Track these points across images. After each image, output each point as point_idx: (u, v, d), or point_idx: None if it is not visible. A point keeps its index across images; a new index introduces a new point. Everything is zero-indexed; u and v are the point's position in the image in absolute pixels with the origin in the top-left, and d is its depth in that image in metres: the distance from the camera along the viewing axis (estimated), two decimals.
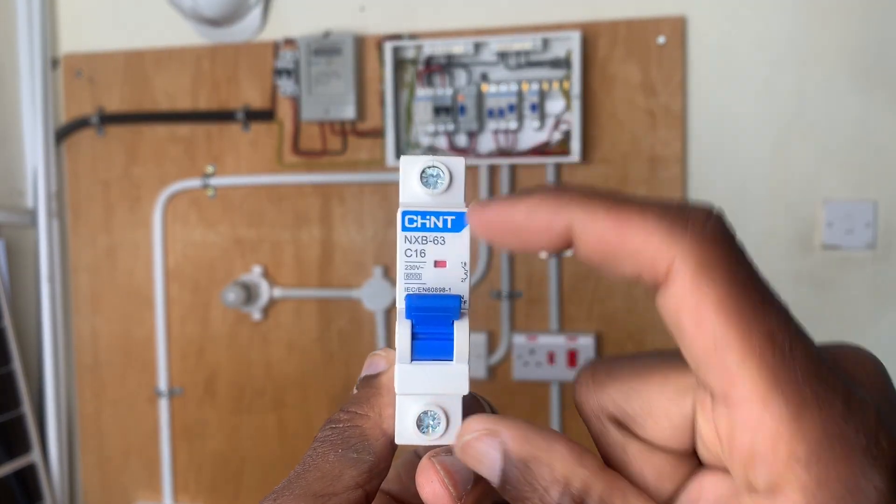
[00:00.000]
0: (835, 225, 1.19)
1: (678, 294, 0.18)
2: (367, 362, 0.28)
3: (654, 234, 0.18)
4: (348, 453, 0.25)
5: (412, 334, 0.24)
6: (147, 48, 1.39)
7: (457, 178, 0.25)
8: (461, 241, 0.25)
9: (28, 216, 1.40)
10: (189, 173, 1.38)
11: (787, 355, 0.17)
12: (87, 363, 1.45)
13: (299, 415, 1.37)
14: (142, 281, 1.41)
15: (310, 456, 0.25)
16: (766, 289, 0.18)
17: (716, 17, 1.21)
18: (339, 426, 0.25)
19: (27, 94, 1.40)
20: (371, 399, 0.26)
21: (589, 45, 1.22)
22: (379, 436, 0.25)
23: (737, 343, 0.17)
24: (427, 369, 0.24)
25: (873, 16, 1.17)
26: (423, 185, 0.25)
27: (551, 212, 0.21)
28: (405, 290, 0.25)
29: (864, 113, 1.18)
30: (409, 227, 0.25)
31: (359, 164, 1.31)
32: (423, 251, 0.25)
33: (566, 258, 1.26)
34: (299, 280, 1.35)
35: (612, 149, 1.23)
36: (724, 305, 0.18)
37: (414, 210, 0.25)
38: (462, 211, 0.25)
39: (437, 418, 0.25)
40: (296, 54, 1.29)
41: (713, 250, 0.18)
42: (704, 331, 0.18)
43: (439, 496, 0.23)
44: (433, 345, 0.24)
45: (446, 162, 0.25)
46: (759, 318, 0.18)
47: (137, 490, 1.45)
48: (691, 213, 0.19)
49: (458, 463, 0.23)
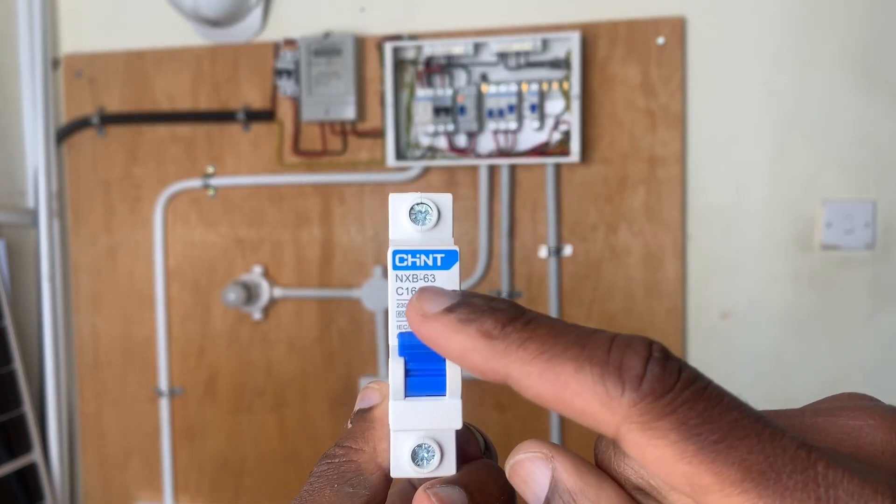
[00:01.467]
0: (834, 225, 1.19)
1: (634, 451, 0.18)
2: (361, 395, 0.28)
3: (592, 402, 0.18)
4: (344, 488, 0.25)
5: (405, 370, 0.25)
6: (147, 48, 1.39)
7: (445, 214, 0.26)
8: (451, 278, 0.25)
9: (29, 216, 1.40)
10: (189, 173, 1.38)
11: (768, 477, 0.17)
12: (87, 363, 1.45)
13: (299, 414, 1.37)
14: (142, 281, 1.41)
15: (306, 491, 0.25)
16: (728, 417, 0.18)
17: (715, 18, 1.21)
18: (334, 461, 0.26)
19: (28, 94, 1.40)
20: (365, 433, 0.26)
21: (588, 45, 1.22)
22: (374, 469, 0.26)
23: (713, 484, 0.17)
24: (420, 405, 0.25)
25: (873, 16, 1.17)
26: (412, 221, 0.26)
27: (487, 358, 0.20)
28: (397, 327, 0.25)
29: (864, 113, 1.18)
30: (399, 265, 0.25)
31: (359, 164, 1.32)
32: (414, 289, 0.25)
33: (566, 258, 1.26)
34: (299, 280, 1.36)
35: (612, 149, 1.23)
36: (684, 454, 0.17)
37: (405, 249, 0.25)
38: (452, 249, 0.25)
39: (431, 451, 0.25)
40: (296, 55, 1.29)
41: (654, 408, 0.18)
42: (677, 478, 0.18)
43: None
44: (426, 381, 0.25)
45: (434, 199, 0.26)
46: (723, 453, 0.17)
47: (138, 489, 1.45)
48: (627, 368, 0.18)
49: (453, 494, 0.24)
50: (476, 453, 0.27)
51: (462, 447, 0.26)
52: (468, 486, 0.24)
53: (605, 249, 1.25)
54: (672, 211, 1.22)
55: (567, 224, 1.26)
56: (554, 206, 1.24)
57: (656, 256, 1.23)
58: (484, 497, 0.24)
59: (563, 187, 1.25)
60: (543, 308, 1.26)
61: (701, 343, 1.24)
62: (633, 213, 1.23)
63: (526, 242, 1.27)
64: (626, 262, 1.24)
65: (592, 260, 1.25)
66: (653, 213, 1.22)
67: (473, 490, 0.24)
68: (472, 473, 0.25)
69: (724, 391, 0.18)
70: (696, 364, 0.24)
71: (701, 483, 0.17)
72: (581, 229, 1.25)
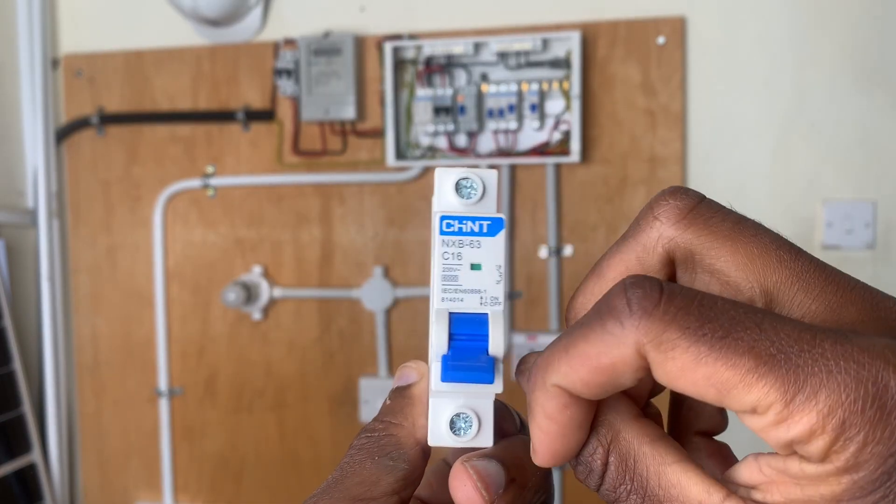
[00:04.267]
0: (834, 225, 1.19)
1: (661, 372, 0.19)
2: (398, 374, 0.28)
3: (607, 352, 0.19)
4: (384, 461, 0.25)
5: (449, 334, 0.25)
6: (147, 48, 1.39)
7: (490, 190, 0.26)
8: (496, 245, 0.26)
9: (28, 216, 1.40)
10: (189, 173, 1.38)
11: (779, 358, 0.18)
12: (87, 363, 1.45)
13: (299, 414, 1.37)
14: (142, 281, 1.41)
15: (347, 463, 0.26)
16: (726, 315, 0.19)
17: (715, 18, 1.21)
18: (374, 434, 0.26)
19: (27, 94, 1.40)
20: (405, 409, 0.27)
21: (589, 45, 1.22)
22: (413, 444, 0.26)
23: (732, 378, 0.18)
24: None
25: (873, 16, 1.17)
26: (458, 195, 0.26)
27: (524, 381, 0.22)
28: (442, 290, 0.25)
29: (864, 113, 1.18)
30: (446, 230, 0.26)
31: (359, 164, 1.32)
32: (460, 254, 0.26)
33: (566, 258, 1.26)
34: (299, 280, 1.35)
35: (612, 149, 1.23)
36: (697, 357, 0.18)
37: (452, 215, 0.26)
38: (498, 216, 0.26)
39: (469, 421, 0.25)
40: (296, 54, 1.29)
41: (652, 325, 0.19)
42: (701, 385, 0.18)
43: (472, 500, 0.23)
44: (469, 344, 0.25)
45: (480, 174, 0.26)
46: (731, 346, 0.18)
47: (138, 490, 1.45)
48: (612, 309, 0.19)
49: (490, 467, 0.24)
50: (512, 430, 0.28)
51: (499, 422, 0.27)
52: (505, 460, 0.24)
53: (605, 250, 1.24)
54: None
55: (567, 224, 1.25)
56: (554, 206, 1.24)
57: None
58: (520, 472, 0.25)
59: (563, 187, 1.25)
60: (543, 308, 1.26)
61: None
62: (633, 213, 1.23)
63: (526, 242, 1.27)
64: None
65: (592, 260, 1.25)
66: None
67: (510, 465, 0.24)
68: (508, 448, 0.25)
69: (717, 296, 0.19)
70: None
71: (722, 379, 0.18)
72: (581, 229, 1.25)
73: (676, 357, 0.18)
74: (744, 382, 0.18)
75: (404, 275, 1.32)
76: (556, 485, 1.26)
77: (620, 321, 0.19)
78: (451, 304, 0.25)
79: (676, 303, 0.19)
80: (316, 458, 1.37)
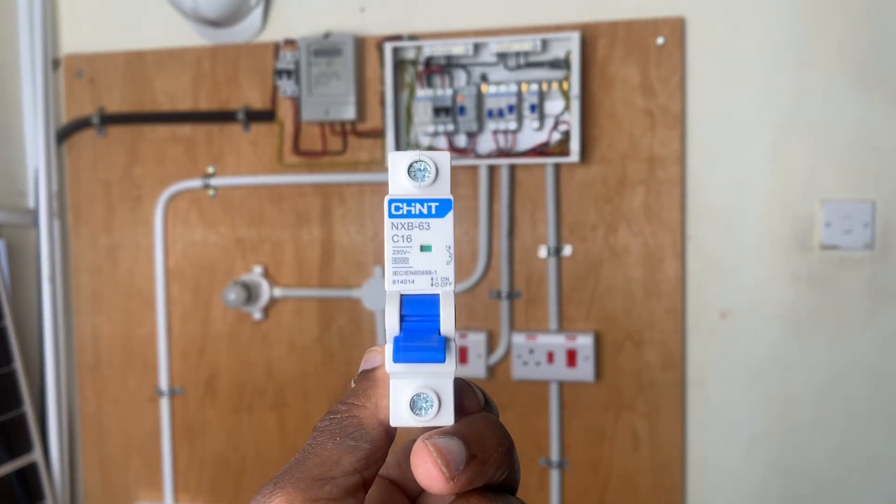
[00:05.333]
0: (833, 225, 1.19)
1: None
2: (365, 358, 0.29)
3: None
4: (346, 441, 0.26)
5: (400, 316, 0.26)
6: (148, 49, 1.39)
7: (443, 172, 0.27)
8: (445, 226, 0.26)
9: (29, 216, 1.40)
10: (190, 174, 1.38)
11: None
12: (88, 363, 1.45)
13: (299, 414, 1.37)
14: (143, 281, 1.42)
15: (309, 444, 0.26)
16: None
17: (714, 18, 1.21)
18: (337, 416, 0.27)
19: (28, 94, 1.40)
20: (368, 391, 0.27)
21: (588, 45, 1.23)
22: (376, 425, 0.26)
23: None
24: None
25: (872, 16, 1.17)
26: (411, 178, 0.26)
27: None
28: (393, 273, 0.26)
29: (863, 113, 1.18)
30: (395, 213, 0.26)
31: (359, 164, 1.32)
32: (410, 236, 0.26)
33: (565, 258, 1.26)
34: (299, 280, 1.36)
35: (611, 149, 1.23)
36: None
37: (399, 198, 0.26)
38: (447, 197, 0.26)
39: (429, 400, 0.26)
40: (296, 55, 1.29)
41: None
42: None
43: (433, 476, 0.24)
44: (421, 325, 0.26)
45: (432, 156, 0.27)
46: None
47: (138, 489, 1.45)
48: None
49: (451, 444, 0.24)
50: (475, 408, 0.28)
51: (461, 401, 0.27)
52: (466, 437, 0.25)
53: (604, 249, 1.25)
54: (671, 211, 1.22)
55: (567, 224, 1.26)
56: (553, 206, 1.25)
57: (656, 256, 1.23)
58: (482, 448, 0.25)
59: (562, 187, 1.25)
60: (543, 308, 1.26)
61: (700, 343, 1.24)
62: (632, 213, 1.23)
63: (526, 242, 1.27)
64: (626, 262, 1.24)
65: (592, 260, 1.25)
66: (652, 213, 1.23)
67: (471, 441, 0.25)
68: (470, 425, 0.26)
69: None
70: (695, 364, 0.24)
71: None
72: (581, 229, 1.25)
73: None
74: None
75: None
76: (556, 484, 1.27)
77: None
78: (403, 286, 0.26)
79: None
80: None
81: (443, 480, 0.24)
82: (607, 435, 1.26)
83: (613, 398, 1.26)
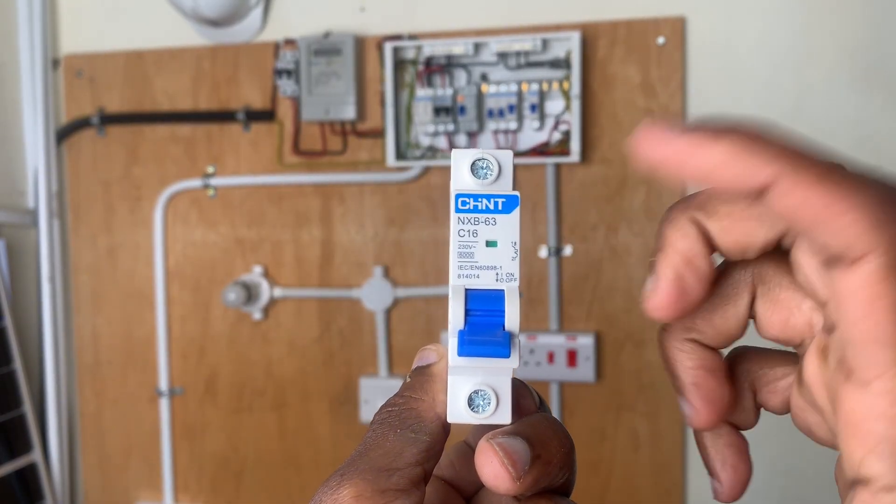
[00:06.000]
0: None
1: (857, 282, 0.18)
2: (419, 356, 0.28)
3: (861, 222, 0.18)
4: (406, 433, 0.25)
5: (465, 311, 0.26)
6: (147, 48, 1.39)
7: (505, 170, 0.27)
8: (511, 222, 0.26)
9: (29, 216, 1.40)
10: (189, 173, 1.38)
11: None
12: (87, 363, 1.45)
13: (299, 414, 1.37)
14: (142, 281, 1.42)
15: (370, 437, 0.26)
16: None
17: (715, 18, 1.21)
18: (395, 409, 0.26)
19: (28, 94, 1.40)
20: (425, 385, 0.27)
21: (588, 45, 1.22)
22: (433, 418, 0.26)
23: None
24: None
25: (873, 16, 1.17)
26: (474, 176, 0.27)
27: (755, 164, 0.19)
28: (458, 267, 0.26)
29: (864, 113, 1.18)
30: (462, 208, 0.26)
31: (359, 164, 1.32)
32: (476, 231, 0.26)
33: (566, 258, 1.26)
34: (299, 280, 1.36)
35: (612, 149, 1.23)
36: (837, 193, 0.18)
37: (467, 193, 0.26)
38: (513, 193, 0.26)
39: (487, 398, 0.26)
40: (296, 54, 1.29)
41: None
42: (869, 323, 0.18)
43: (500, 477, 0.23)
44: (485, 320, 0.26)
45: (496, 154, 0.27)
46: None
47: (138, 490, 1.45)
48: None
49: (515, 444, 0.24)
50: (531, 408, 0.28)
51: (517, 400, 0.27)
52: (530, 437, 0.25)
53: (605, 249, 1.25)
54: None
55: (567, 224, 1.26)
56: (554, 206, 1.25)
57: None
58: (545, 448, 0.25)
59: (563, 187, 1.25)
60: (543, 308, 1.26)
61: None
62: (633, 213, 1.23)
63: (526, 242, 1.27)
64: (626, 262, 1.24)
65: (592, 260, 1.25)
66: (653, 214, 1.22)
67: (535, 442, 0.25)
68: (533, 426, 0.25)
69: None
70: None
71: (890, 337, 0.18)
72: (581, 229, 1.25)
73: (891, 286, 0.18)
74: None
75: (404, 275, 1.32)
76: None
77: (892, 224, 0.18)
78: (468, 280, 0.26)
79: None
80: (316, 457, 1.37)
81: (509, 480, 0.23)
82: (608, 435, 1.26)
83: (614, 398, 1.25)
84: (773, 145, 0.19)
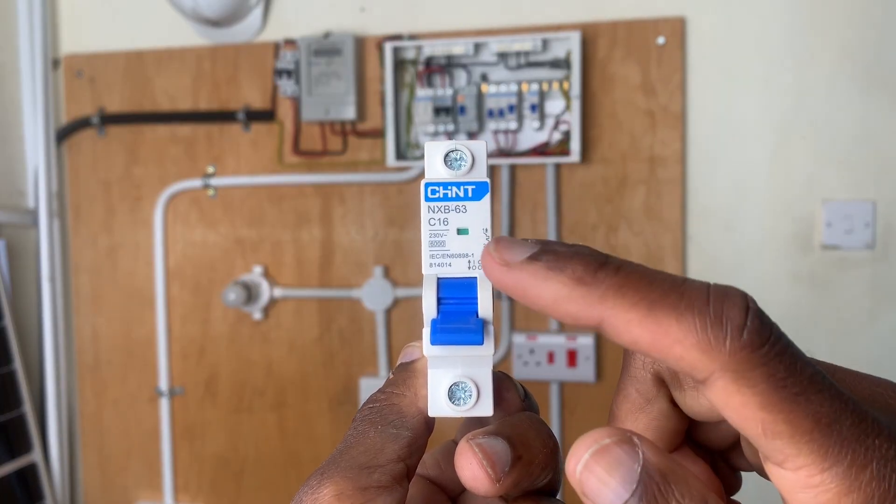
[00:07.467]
0: (834, 225, 1.19)
1: (721, 396, 0.19)
2: (403, 352, 0.28)
3: (692, 350, 0.19)
4: (388, 429, 0.25)
5: (437, 299, 0.26)
6: (148, 49, 1.39)
7: (479, 160, 0.27)
8: (482, 209, 0.26)
9: (29, 216, 1.40)
10: (190, 173, 1.38)
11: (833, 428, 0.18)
12: (87, 363, 1.45)
13: (299, 414, 1.37)
14: (143, 281, 1.42)
15: (351, 434, 0.26)
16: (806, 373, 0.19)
17: (715, 18, 1.21)
18: (376, 405, 0.26)
19: (28, 94, 1.40)
20: (407, 380, 0.27)
21: (588, 45, 1.23)
22: (415, 413, 0.26)
23: (786, 431, 0.19)
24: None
25: (873, 16, 1.17)
26: (447, 167, 0.26)
27: (586, 304, 0.20)
28: (430, 256, 0.26)
29: (864, 113, 1.18)
30: (431, 197, 0.26)
31: (359, 164, 1.32)
32: (446, 220, 0.26)
33: None
34: (300, 280, 1.36)
35: (612, 149, 1.23)
36: (767, 403, 0.19)
37: (436, 181, 0.26)
38: (483, 180, 0.26)
39: (468, 390, 0.25)
40: (296, 55, 1.29)
41: (751, 359, 0.19)
42: (752, 424, 0.19)
43: (478, 478, 0.23)
44: (458, 308, 0.26)
45: (468, 145, 0.27)
46: (800, 405, 0.19)
47: (138, 489, 1.45)
48: (728, 318, 0.19)
49: (496, 444, 0.24)
50: (515, 401, 0.28)
51: (500, 392, 0.27)
52: (511, 437, 0.24)
53: (605, 249, 1.24)
54: (672, 211, 1.22)
55: (567, 224, 1.26)
56: (554, 206, 1.25)
57: (656, 256, 1.23)
58: (527, 449, 0.24)
59: (563, 187, 1.25)
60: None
61: None
62: (633, 212, 1.23)
63: None
64: None
65: None
66: (653, 213, 1.22)
67: (516, 442, 0.24)
68: (514, 426, 0.25)
69: (799, 350, 0.20)
70: None
71: (775, 430, 0.19)
72: (581, 229, 1.25)
73: (746, 395, 0.19)
74: (793, 440, 0.19)
75: (404, 275, 1.32)
76: None
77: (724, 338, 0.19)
78: (440, 269, 0.26)
79: (776, 349, 0.19)
80: (316, 457, 1.37)
81: (489, 482, 0.23)
82: None
83: None
84: (601, 282, 0.20)
